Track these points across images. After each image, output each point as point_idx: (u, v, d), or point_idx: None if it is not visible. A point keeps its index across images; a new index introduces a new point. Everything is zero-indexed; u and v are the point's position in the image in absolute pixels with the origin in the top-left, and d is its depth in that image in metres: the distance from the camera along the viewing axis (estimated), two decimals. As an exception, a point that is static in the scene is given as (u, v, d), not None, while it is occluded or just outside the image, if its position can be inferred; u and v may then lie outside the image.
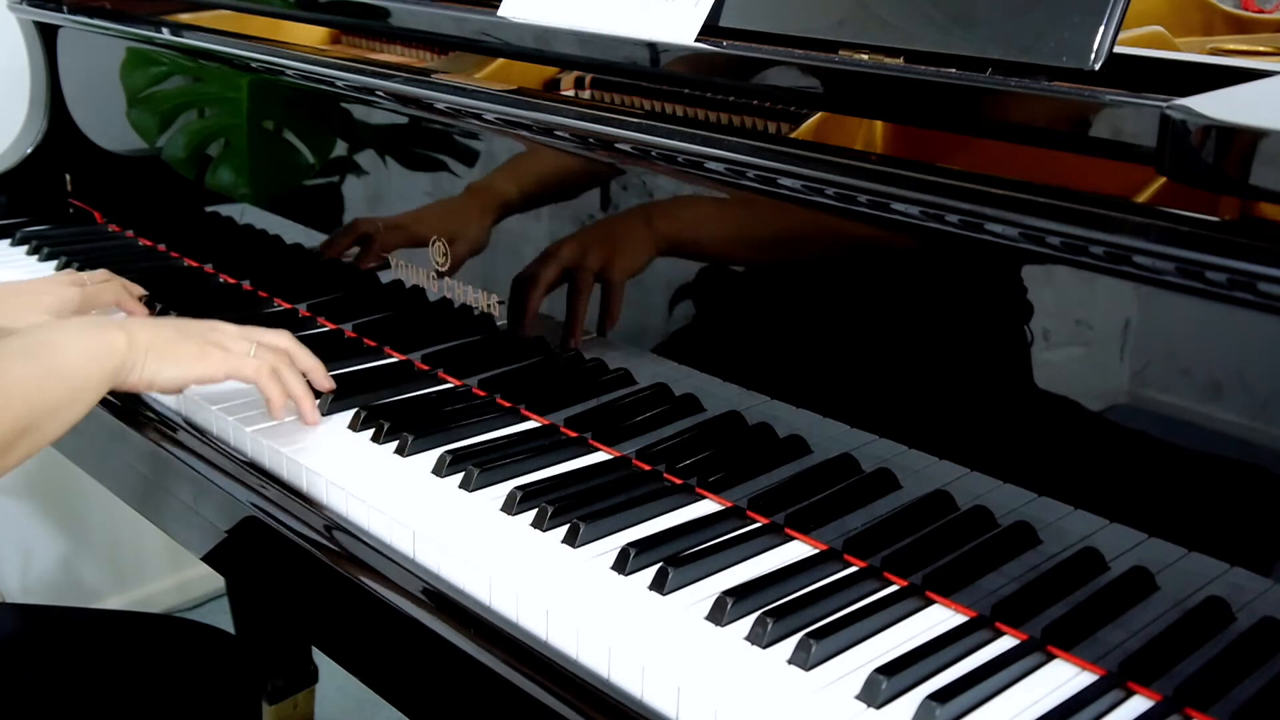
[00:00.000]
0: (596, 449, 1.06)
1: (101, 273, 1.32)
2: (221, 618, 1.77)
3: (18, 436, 0.91)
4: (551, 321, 1.10)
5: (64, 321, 1.03)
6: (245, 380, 1.06)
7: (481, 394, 1.16)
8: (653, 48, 1.01)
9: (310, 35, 1.48)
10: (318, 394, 1.12)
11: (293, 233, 1.38)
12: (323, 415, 1.11)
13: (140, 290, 1.36)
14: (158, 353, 1.01)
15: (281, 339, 1.11)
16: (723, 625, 0.82)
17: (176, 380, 1.04)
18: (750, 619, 0.81)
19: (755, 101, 1.03)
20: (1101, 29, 0.79)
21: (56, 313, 1.21)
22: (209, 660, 1.28)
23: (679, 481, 0.99)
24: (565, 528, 0.92)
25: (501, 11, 1.15)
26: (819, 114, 0.97)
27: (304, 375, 1.10)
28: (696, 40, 0.99)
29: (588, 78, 1.17)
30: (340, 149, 1.30)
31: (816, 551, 0.90)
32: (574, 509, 0.94)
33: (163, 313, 1.36)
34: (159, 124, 1.59)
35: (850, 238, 0.88)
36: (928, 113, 0.86)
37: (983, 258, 0.80)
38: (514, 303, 1.13)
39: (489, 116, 1.10)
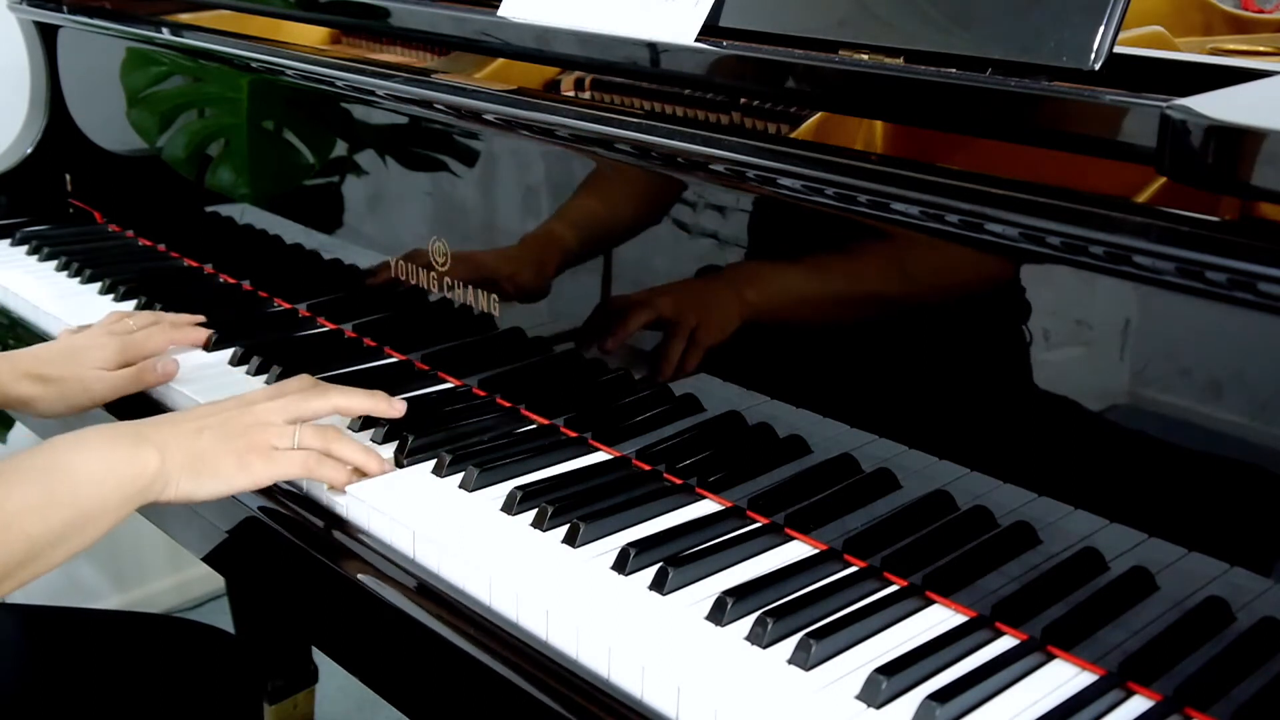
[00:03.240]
0: (596, 449, 1.06)
1: (146, 315, 1.23)
2: (221, 618, 1.77)
3: (14, 569, 0.85)
4: (552, 323, 1.10)
5: (90, 434, 0.92)
6: (295, 479, 0.99)
7: (481, 394, 1.16)
8: (653, 48, 1.01)
9: (310, 35, 1.48)
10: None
11: (293, 233, 1.38)
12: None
13: (191, 319, 1.27)
14: (194, 468, 0.93)
15: (329, 398, 1.02)
16: (723, 625, 0.82)
17: (217, 495, 0.96)
18: (750, 619, 0.81)
19: (755, 101, 1.03)
20: (1101, 29, 0.79)
21: (107, 366, 1.15)
22: (209, 660, 1.28)
23: (679, 481, 0.99)
24: (565, 528, 0.92)
25: (501, 11, 1.15)
26: (819, 114, 0.97)
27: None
28: (696, 40, 0.99)
29: (588, 78, 1.17)
30: (340, 149, 1.30)
31: (816, 551, 0.90)
32: (574, 509, 0.94)
33: (166, 309, 1.36)
34: (159, 124, 1.59)
35: (850, 238, 0.88)
36: (928, 113, 0.86)
37: (982, 258, 0.80)
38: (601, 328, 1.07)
39: (489, 116, 1.10)
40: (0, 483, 0.86)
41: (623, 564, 0.88)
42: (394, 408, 1.05)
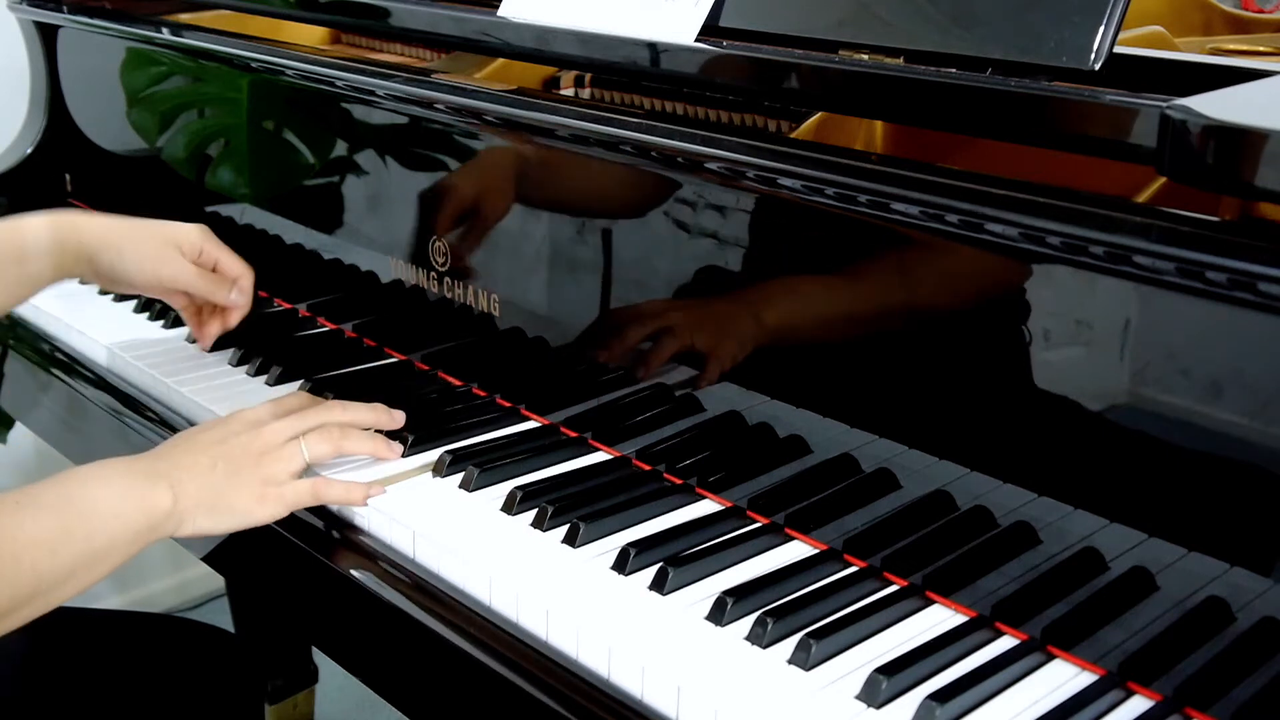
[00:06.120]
0: (596, 449, 1.06)
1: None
2: (221, 618, 1.77)
3: (21, 603, 0.83)
4: (552, 324, 1.10)
5: (106, 468, 0.91)
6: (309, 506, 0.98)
7: (481, 394, 1.16)
8: (653, 48, 1.01)
9: (310, 35, 1.48)
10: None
11: (293, 232, 1.38)
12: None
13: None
14: (209, 506, 0.92)
15: (332, 413, 1.01)
16: (723, 625, 0.82)
17: (234, 529, 0.95)
18: (750, 619, 0.81)
19: (755, 101, 1.03)
20: (1101, 29, 0.79)
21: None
22: (209, 660, 1.28)
23: (679, 481, 0.99)
24: (565, 528, 0.92)
25: (501, 11, 1.15)
26: (819, 114, 0.97)
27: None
28: (696, 40, 0.99)
29: (588, 77, 1.17)
30: (340, 149, 1.30)
31: (816, 551, 0.90)
32: (574, 509, 0.94)
33: (161, 312, 1.36)
34: (159, 124, 1.59)
35: (850, 238, 0.88)
36: (928, 113, 0.86)
37: (983, 258, 0.80)
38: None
39: (489, 116, 1.10)
40: (15, 513, 0.84)
41: (623, 564, 0.88)
42: (394, 419, 1.05)
